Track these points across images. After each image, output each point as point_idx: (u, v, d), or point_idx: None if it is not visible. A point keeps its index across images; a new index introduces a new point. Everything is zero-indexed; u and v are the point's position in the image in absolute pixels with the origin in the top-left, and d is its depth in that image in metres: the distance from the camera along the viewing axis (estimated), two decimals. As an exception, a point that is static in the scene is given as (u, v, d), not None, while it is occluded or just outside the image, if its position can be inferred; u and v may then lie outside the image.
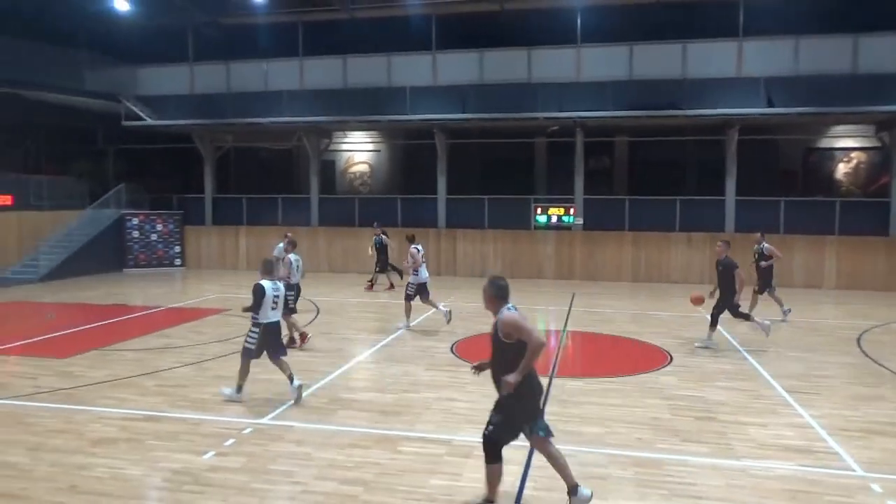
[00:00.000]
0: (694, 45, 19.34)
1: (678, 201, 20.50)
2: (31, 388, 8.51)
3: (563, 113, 19.68)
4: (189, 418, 7.32)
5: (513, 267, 21.10)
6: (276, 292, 7.96)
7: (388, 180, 25.98)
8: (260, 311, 7.83)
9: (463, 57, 21.04)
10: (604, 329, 12.78)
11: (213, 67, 22.82)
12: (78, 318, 13.63)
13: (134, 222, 22.45)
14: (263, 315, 7.85)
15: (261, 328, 7.87)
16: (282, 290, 8.16)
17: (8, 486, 5.57)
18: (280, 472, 5.89)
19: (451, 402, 7.94)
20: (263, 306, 7.82)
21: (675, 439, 6.79)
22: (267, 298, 7.82)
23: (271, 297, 7.88)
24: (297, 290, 11.50)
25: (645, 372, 9.53)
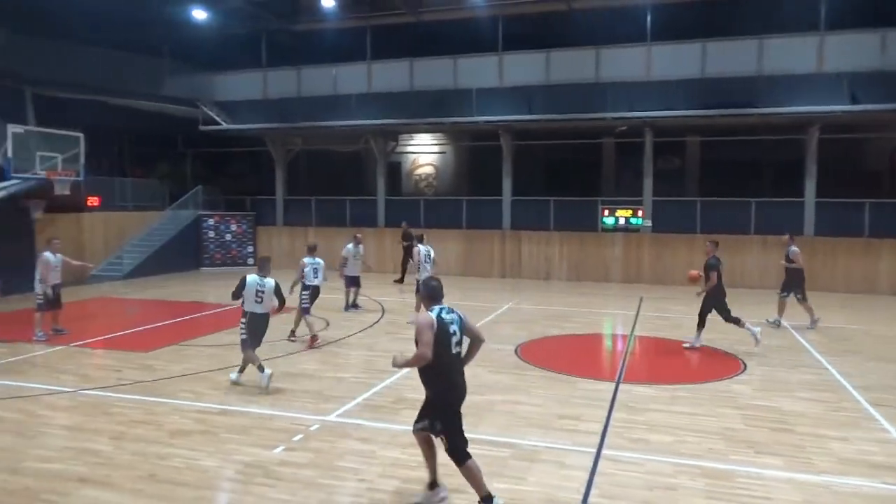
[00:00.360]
0: (771, 40, 18.58)
1: (753, 203, 19.73)
2: (114, 379, 8.99)
3: (632, 113, 19.28)
4: (260, 413, 7.56)
5: (579, 269, 20.83)
6: (260, 287, 8.65)
7: (454, 182, 26.08)
8: (245, 303, 8.61)
9: (529, 57, 20.91)
10: (673, 334, 12.44)
11: (284, 73, 23.52)
12: (158, 314, 14.30)
13: (210, 223, 23.36)
14: (248, 306, 8.62)
15: (246, 318, 8.61)
16: (268, 286, 8.70)
17: (93, 472, 5.90)
18: (346, 468, 6.01)
19: (516, 405, 7.91)
20: (246, 298, 8.59)
21: (748, 451, 6.54)
22: (248, 290, 8.58)
23: (254, 291, 8.60)
24: (312, 292, 11.76)
25: (716, 380, 9.22)
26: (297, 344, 11.17)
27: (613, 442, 6.73)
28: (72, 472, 5.91)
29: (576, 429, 7.10)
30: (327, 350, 10.79)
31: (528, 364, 9.96)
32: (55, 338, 11.47)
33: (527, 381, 9.03)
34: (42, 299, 11.54)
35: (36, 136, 16.12)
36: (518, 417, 7.47)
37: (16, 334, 11.85)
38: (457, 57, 21.53)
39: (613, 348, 12.14)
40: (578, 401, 8.10)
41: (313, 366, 9.79)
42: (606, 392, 8.49)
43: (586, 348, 11.79)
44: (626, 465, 6.12)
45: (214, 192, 24.81)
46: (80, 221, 19.81)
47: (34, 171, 15.50)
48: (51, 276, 11.61)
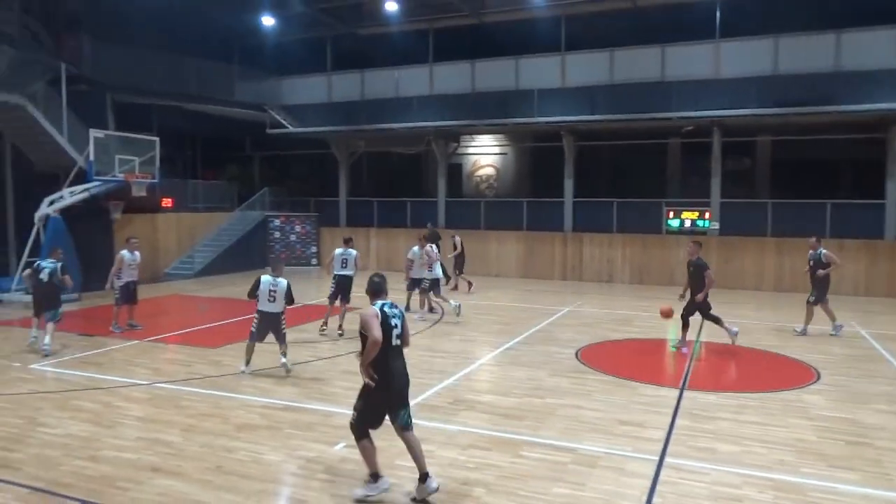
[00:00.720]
0: (849, 34, 17.72)
1: (829, 205, 18.85)
2: (185, 374, 9.36)
3: (699, 112, 18.73)
4: (322, 410, 7.72)
5: (642, 272, 20.39)
6: (273, 287, 9.23)
7: (515, 183, 25.96)
8: (259, 302, 9.25)
9: (592, 57, 20.62)
10: (741, 341, 12.00)
11: (348, 76, 23.97)
12: (227, 311, 14.79)
13: (276, 223, 24.02)
14: (261, 305, 9.26)
15: (258, 316, 9.27)
16: (280, 286, 9.26)
17: (164, 463, 6.16)
18: (404, 467, 6.06)
19: (577, 410, 7.81)
20: (260, 297, 9.22)
21: (821, 464, 6.26)
22: (262, 290, 9.22)
23: (267, 290, 9.21)
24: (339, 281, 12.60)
25: (787, 389, 8.86)
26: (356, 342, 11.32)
27: (677, 450, 6.56)
28: (145, 461, 6.18)
29: (638, 435, 6.95)
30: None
31: (588, 368, 9.82)
32: (130, 332, 12.04)
33: (587, 385, 8.91)
34: (119, 294, 12.28)
35: (115, 140, 16.92)
36: (578, 422, 7.38)
37: (96, 328, 12.50)
38: (518, 58, 21.44)
39: (677, 354, 11.82)
40: (640, 407, 7.93)
41: (374, 365, 9.91)
42: (670, 399, 8.28)
43: (649, 353, 11.53)
44: (690, 474, 5.95)
45: (280, 193, 25.51)
46: (154, 222, 20.73)
47: (113, 173, 16.28)
48: (127, 272, 12.33)
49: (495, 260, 22.19)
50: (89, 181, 16.04)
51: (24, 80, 16.14)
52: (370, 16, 23.61)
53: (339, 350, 10.86)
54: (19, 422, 7.26)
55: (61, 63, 16.99)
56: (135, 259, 12.56)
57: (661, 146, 22.76)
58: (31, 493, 5.50)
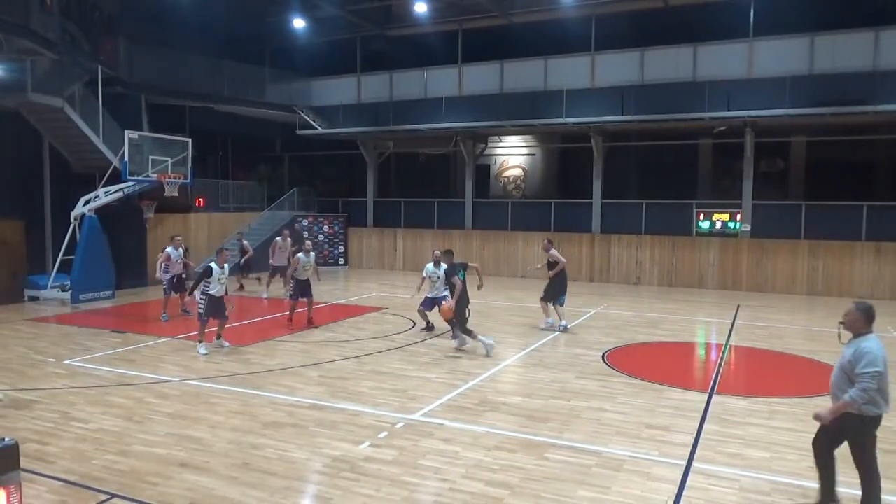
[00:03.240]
0: (888, 32, 17.28)
1: (865, 207, 18.40)
2: (214, 371, 9.50)
3: (731, 112, 18.43)
4: (348, 409, 7.77)
5: (671, 275, 20.15)
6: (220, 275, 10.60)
7: (542, 184, 25.84)
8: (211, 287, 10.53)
9: (622, 57, 20.45)
10: (772, 345, 11.80)
11: (377, 77, 24.11)
12: (256, 309, 14.99)
13: (304, 223, 24.26)
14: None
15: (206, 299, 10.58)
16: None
17: (192, 458, 6.26)
18: (429, 467, 6.07)
19: (602, 413, 7.74)
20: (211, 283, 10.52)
21: (854, 472, 6.05)
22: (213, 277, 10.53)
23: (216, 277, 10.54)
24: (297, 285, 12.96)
25: (820, 395, 8.65)
26: (388, 341, 11.38)
27: (705, 455, 6.46)
28: (174, 456, 6.29)
29: (664, 439, 6.86)
30: (413, 350, 10.96)
31: (615, 371, 9.73)
32: (165, 325, 12.30)
33: (614, 388, 8.82)
34: (166, 286, 13.39)
35: (149, 140, 17.25)
36: (604, 425, 7.31)
37: (129, 325, 12.78)
38: (547, 58, 21.36)
39: (706, 358, 11.65)
40: (667, 411, 7.83)
41: (400, 365, 9.97)
42: (698, 403, 8.16)
43: (677, 357, 11.37)
44: (719, 480, 5.86)
45: (309, 193, 25.75)
46: (186, 221, 21.08)
47: (147, 173, 16.60)
48: (173, 268, 13.42)
49: (521, 261, 22.11)
50: (123, 181, 16.37)
51: (63, 83, 16.54)
52: (399, 17, 23.74)
53: (365, 350, 10.92)
54: (54, 416, 7.44)
55: (98, 66, 17.38)
56: (180, 255, 13.59)
57: (692, 147, 22.45)
58: (64, 486, 5.63)
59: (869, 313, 5.08)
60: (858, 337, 5.08)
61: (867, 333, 5.06)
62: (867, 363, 4.86)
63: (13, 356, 10.30)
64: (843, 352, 5.14)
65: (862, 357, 4.90)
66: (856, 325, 5.10)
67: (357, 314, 14.50)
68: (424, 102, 22.82)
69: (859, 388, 4.85)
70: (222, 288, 10.78)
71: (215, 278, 10.59)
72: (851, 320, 5.12)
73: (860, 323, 5.08)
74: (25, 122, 17.03)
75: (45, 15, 15.76)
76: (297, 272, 12.88)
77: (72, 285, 15.70)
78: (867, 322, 5.07)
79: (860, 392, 4.84)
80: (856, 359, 4.94)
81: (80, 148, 17.69)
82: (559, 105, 20.50)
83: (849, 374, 4.99)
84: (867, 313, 5.08)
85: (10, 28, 14.31)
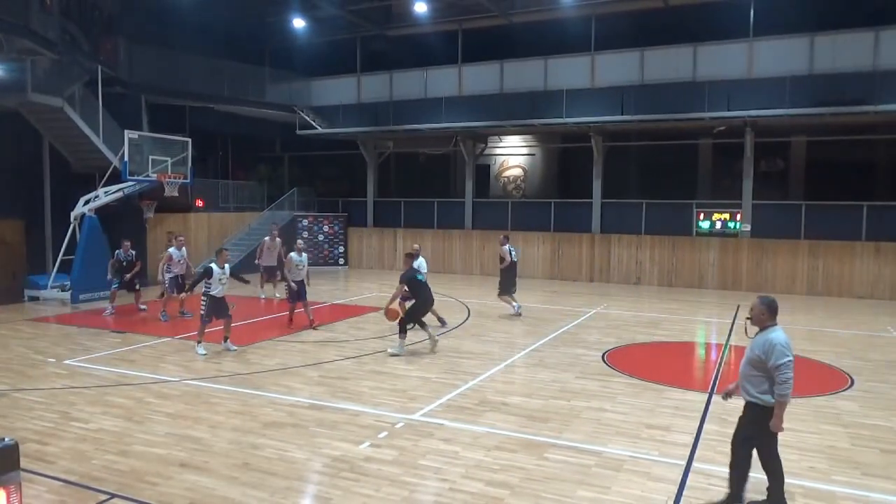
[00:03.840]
0: (888, 32, 17.27)
1: (865, 207, 18.40)
2: (214, 371, 9.50)
3: (731, 112, 18.42)
4: (348, 409, 7.77)
5: (671, 275, 20.15)
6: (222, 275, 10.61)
7: (542, 184, 25.85)
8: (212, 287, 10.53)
9: (622, 57, 20.44)
10: (773, 345, 11.78)
11: (377, 77, 24.11)
12: (255, 309, 14.99)
13: (304, 223, 24.26)
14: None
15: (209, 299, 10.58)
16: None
17: (193, 458, 6.26)
18: (429, 467, 6.08)
19: (602, 413, 7.74)
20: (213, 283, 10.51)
21: (854, 472, 6.12)
22: (214, 277, 10.48)
23: (217, 278, 10.49)
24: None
25: (820, 395, 8.67)
26: (387, 341, 11.38)
27: (705, 455, 6.46)
28: (174, 457, 6.29)
29: (664, 439, 6.87)
30: (413, 350, 10.95)
31: (615, 371, 9.73)
32: (169, 324, 12.30)
33: (613, 388, 8.83)
34: (168, 285, 13.39)
35: (149, 140, 17.26)
36: (603, 425, 7.31)
37: (128, 325, 12.78)
38: (547, 58, 21.35)
39: (706, 358, 11.65)
40: (667, 410, 7.83)
41: (400, 365, 9.97)
42: (698, 403, 8.17)
43: (677, 357, 11.37)
44: (719, 480, 5.85)
45: (309, 193, 25.75)
46: (186, 221, 21.07)
47: (147, 173, 16.60)
48: (175, 267, 13.43)
49: (522, 261, 22.06)
50: (123, 181, 16.38)
51: (63, 83, 16.55)
52: (399, 17, 23.73)
53: (365, 349, 10.92)
54: (54, 416, 7.44)
55: (98, 66, 17.38)
56: (182, 255, 13.63)
57: (692, 147, 22.46)
58: (63, 486, 5.63)
59: (772, 307, 5.25)
60: (765, 330, 5.22)
61: (772, 326, 5.22)
62: (779, 355, 5.02)
63: (13, 356, 10.31)
64: (751, 345, 5.28)
65: (773, 350, 5.04)
66: (761, 319, 5.24)
67: (357, 314, 14.50)
68: (424, 102, 22.82)
69: (780, 381, 5.00)
70: (223, 288, 10.75)
71: (216, 279, 10.56)
72: (756, 314, 5.27)
73: (765, 316, 5.23)
74: (25, 122, 17.04)
75: (45, 15, 15.77)
76: (291, 272, 12.84)
77: (72, 285, 15.70)
78: (771, 315, 5.24)
79: (783, 386, 5.00)
80: (766, 352, 5.07)
81: (80, 148, 17.70)
82: (559, 105, 20.49)
83: (757, 367, 5.14)
84: (770, 307, 5.24)
85: (10, 28, 14.32)
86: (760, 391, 5.13)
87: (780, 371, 5.00)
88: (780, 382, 5.01)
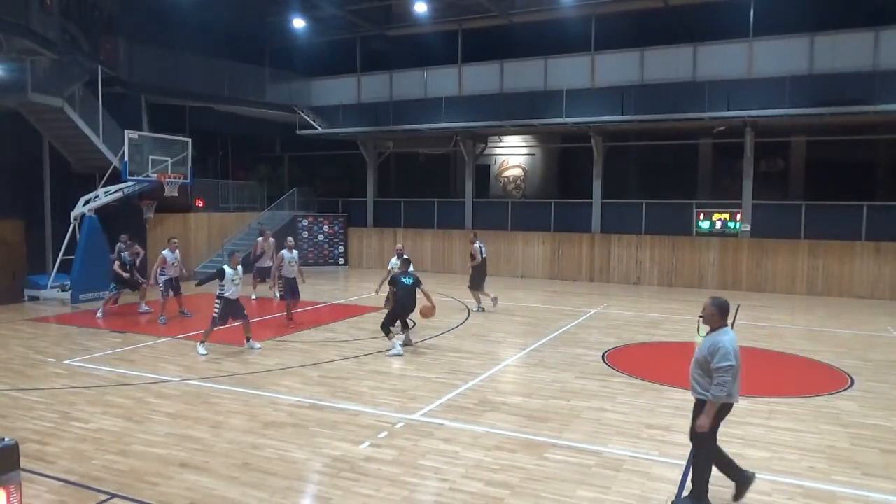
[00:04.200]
0: (888, 31, 17.27)
1: (865, 207, 18.40)
2: (214, 371, 9.50)
3: (731, 112, 18.43)
4: (348, 409, 7.77)
5: (671, 274, 20.15)
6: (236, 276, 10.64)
7: (542, 184, 25.85)
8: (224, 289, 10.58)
9: (622, 57, 20.44)
10: (772, 345, 11.80)
11: (377, 77, 24.11)
12: (255, 309, 14.98)
13: (304, 223, 24.26)
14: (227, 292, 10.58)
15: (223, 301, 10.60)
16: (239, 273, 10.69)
17: (193, 458, 6.26)
18: (429, 467, 6.08)
19: (602, 413, 7.74)
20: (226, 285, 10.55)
21: (854, 472, 6.12)
22: (227, 279, 10.54)
23: (229, 279, 10.55)
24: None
25: (820, 395, 8.67)
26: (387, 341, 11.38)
27: (705, 455, 6.45)
28: (174, 456, 6.29)
29: (664, 439, 6.87)
30: (413, 350, 10.96)
31: (615, 370, 9.73)
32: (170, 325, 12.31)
33: (613, 388, 8.83)
34: (163, 289, 13.29)
35: (149, 140, 17.25)
36: (604, 425, 7.31)
37: (128, 325, 12.78)
38: (547, 58, 21.35)
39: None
40: (667, 410, 7.83)
41: (400, 365, 9.97)
42: (698, 403, 8.16)
43: (677, 356, 11.35)
44: (719, 480, 5.84)
45: (309, 193, 25.75)
46: (186, 221, 21.07)
47: (147, 173, 16.60)
48: (169, 270, 13.36)
49: (521, 261, 22.13)
50: (123, 181, 16.37)
51: (63, 83, 16.55)
52: (399, 17, 23.73)
53: (365, 349, 10.92)
54: (54, 416, 7.44)
55: (98, 66, 17.38)
56: (175, 258, 13.57)
57: (692, 147, 22.46)
58: (63, 486, 5.63)
59: (723, 308, 5.33)
60: (715, 331, 5.31)
61: (722, 327, 5.31)
62: (721, 357, 5.11)
63: (13, 356, 10.31)
64: (701, 345, 5.37)
65: (717, 352, 5.14)
66: (712, 320, 5.34)
67: (357, 314, 14.50)
68: (424, 102, 22.82)
69: (716, 383, 5.11)
70: (237, 290, 10.79)
71: (228, 280, 10.62)
72: (708, 315, 5.37)
73: (716, 318, 5.32)
74: (25, 122, 17.04)
75: (45, 15, 15.77)
76: (283, 269, 13.03)
77: (72, 285, 15.70)
78: (722, 316, 5.32)
79: (718, 388, 5.11)
80: (711, 353, 5.17)
81: (80, 148, 17.70)
82: (559, 105, 20.49)
83: (703, 368, 5.24)
84: (721, 308, 5.32)
85: (10, 28, 14.32)
86: (706, 388, 5.25)
87: (718, 373, 5.11)
88: (716, 384, 5.12)
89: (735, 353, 5.17)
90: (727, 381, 5.10)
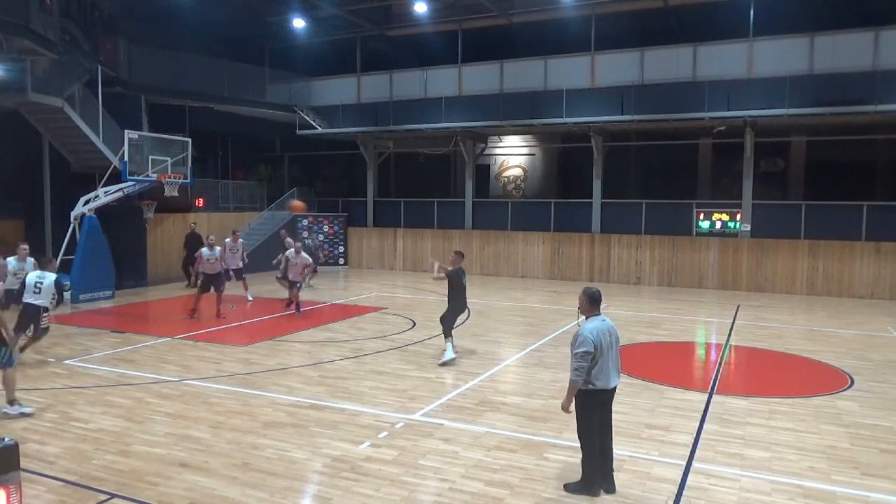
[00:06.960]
0: (888, 32, 17.26)
1: (865, 207, 18.40)
2: (214, 371, 9.50)
3: (731, 112, 18.42)
4: (348, 409, 7.77)
5: (671, 275, 20.15)
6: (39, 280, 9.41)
7: (542, 184, 25.86)
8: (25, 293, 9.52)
9: (622, 57, 20.43)
10: (772, 345, 11.80)
11: (377, 77, 24.10)
12: (255, 310, 14.98)
13: (304, 223, 24.25)
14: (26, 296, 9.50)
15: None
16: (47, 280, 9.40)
17: (193, 458, 6.26)
18: (429, 467, 6.08)
19: (601, 413, 7.73)
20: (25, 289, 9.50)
21: (854, 472, 6.12)
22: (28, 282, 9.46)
23: (33, 283, 9.39)
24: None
25: (820, 395, 8.67)
26: (387, 341, 11.38)
27: (705, 455, 6.46)
28: (174, 456, 6.29)
29: (664, 439, 6.87)
30: (413, 350, 10.96)
31: (615, 371, 9.72)
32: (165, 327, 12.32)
33: (614, 388, 8.81)
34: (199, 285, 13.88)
35: (149, 140, 17.24)
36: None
37: (128, 326, 12.78)
38: (547, 58, 21.34)
39: (706, 358, 11.65)
40: (667, 410, 7.84)
41: (400, 365, 9.97)
42: (698, 403, 8.17)
43: (677, 357, 11.38)
44: (719, 480, 5.86)
45: (309, 193, 25.75)
46: (186, 221, 21.04)
47: (147, 173, 16.60)
48: (205, 267, 13.82)
49: (522, 261, 22.13)
50: (123, 181, 16.37)
51: (63, 83, 16.55)
52: (399, 17, 23.73)
53: (365, 349, 10.92)
54: (54, 416, 7.44)
55: (98, 66, 17.37)
56: (213, 255, 14.01)
57: (692, 147, 22.47)
58: (63, 486, 5.63)
59: (593, 297, 5.71)
60: (588, 319, 5.67)
61: (594, 315, 5.68)
62: (578, 344, 5.46)
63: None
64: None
65: (577, 337, 5.51)
66: (584, 308, 5.73)
67: (357, 314, 14.50)
68: (424, 102, 22.82)
69: (572, 368, 5.44)
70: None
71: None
72: (580, 304, 5.78)
73: (586, 307, 5.71)
74: (25, 122, 17.04)
75: (45, 15, 15.75)
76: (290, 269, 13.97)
77: (72, 285, 15.68)
78: (591, 305, 5.70)
79: (574, 372, 5.43)
80: (574, 339, 5.54)
81: (80, 148, 17.69)
82: (559, 105, 20.49)
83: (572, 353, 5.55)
84: (591, 297, 5.71)
85: (10, 28, 14.31)
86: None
87: (574, 357, 5.43)
88: (572, 368, 5.44)
89: (594, 341, 5.42)
90: (583, 367, 5.38)
